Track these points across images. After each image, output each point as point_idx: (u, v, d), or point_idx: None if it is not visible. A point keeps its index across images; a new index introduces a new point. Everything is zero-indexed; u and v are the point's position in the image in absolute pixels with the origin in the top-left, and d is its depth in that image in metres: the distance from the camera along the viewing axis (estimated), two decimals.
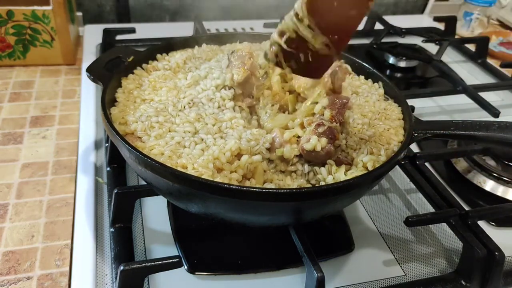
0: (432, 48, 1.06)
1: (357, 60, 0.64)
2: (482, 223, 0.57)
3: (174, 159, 0.45)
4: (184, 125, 0.48)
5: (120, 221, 0.53)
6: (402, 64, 0.99)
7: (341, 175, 0.46)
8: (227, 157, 0.45)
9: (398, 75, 0.99)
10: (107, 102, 0.51)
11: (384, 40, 1.08)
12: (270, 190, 0.40)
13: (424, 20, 1.26)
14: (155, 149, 0.46)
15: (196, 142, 0.47)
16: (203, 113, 0.50)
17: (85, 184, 0.61)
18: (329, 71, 0.50)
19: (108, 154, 0.63)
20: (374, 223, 0.59)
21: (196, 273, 0.50)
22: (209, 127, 0.48)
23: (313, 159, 0.47)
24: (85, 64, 0.88)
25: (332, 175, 0.46)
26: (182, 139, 0.47)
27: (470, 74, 1.02)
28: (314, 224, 0.55)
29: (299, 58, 0.46)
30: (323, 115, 0.48)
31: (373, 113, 0.54)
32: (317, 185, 0.46)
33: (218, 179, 0.43)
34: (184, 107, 0.51)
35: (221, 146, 0.45)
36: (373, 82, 0.61)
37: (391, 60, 1.00)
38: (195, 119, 0.49)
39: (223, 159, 0.44)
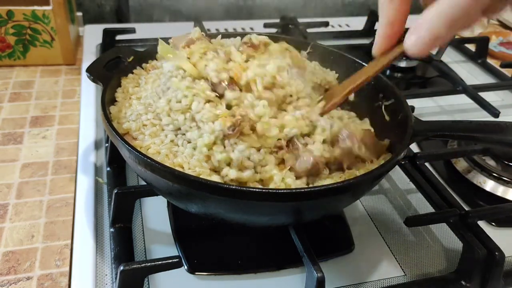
0: None
1: (357, 60, 0.63)
2: (482, 223, 0.56)
3: (171, 158, 0.45)
4: (162, 110, 0.47)
5: (120, 221, 0.53)
6: (402, 64, 0.98)
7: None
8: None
9: (398, 75, 0.99)
10: (107, 102, 0.50)
11: None
12: (270, 190, 0.40)
13: None
14: (152, 148, 0.46)
15: (188, 141, 0.46)
16: (170, 95, 0.49)
17: (85, 184, 0.61)
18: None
19: (108, 154, 0.62)
20: (374, 223, 0.59)
21: (196, 273, 0.50)
22: (182, 117, 0.47)
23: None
24: (85, 64, 0.87)
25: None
26: (175, 137, 0.47)
27: (470, 74, 1.02)
28: (314, 224, 0.54)
29: None
30: None
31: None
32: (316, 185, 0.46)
33: (216, 178, 0.43)
34: (160, 93, 0.50)
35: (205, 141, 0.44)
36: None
37: None
38: (166, 103, 0.48)
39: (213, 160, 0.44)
